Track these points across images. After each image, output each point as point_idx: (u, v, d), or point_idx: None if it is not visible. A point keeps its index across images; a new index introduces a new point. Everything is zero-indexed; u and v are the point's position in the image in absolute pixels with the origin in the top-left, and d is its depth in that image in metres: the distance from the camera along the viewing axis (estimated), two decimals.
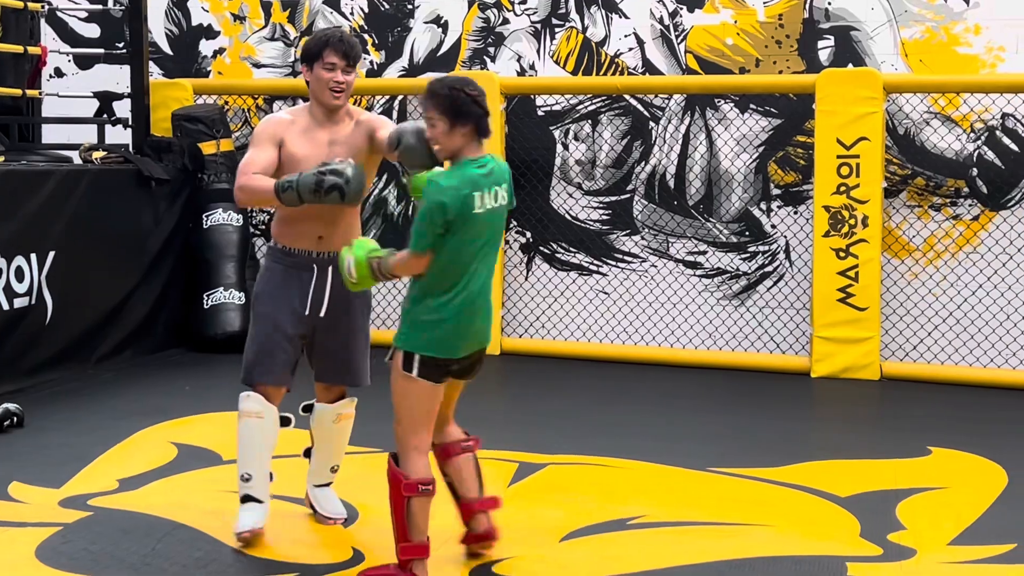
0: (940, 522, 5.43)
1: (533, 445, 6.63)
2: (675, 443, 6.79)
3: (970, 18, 9.01)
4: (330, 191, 4.59)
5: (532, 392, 8.50)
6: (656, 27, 9.69)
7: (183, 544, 4.96)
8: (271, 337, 5.01)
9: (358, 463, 6.26)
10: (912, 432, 7.26)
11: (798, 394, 8.46)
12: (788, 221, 9.45)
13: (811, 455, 6.61)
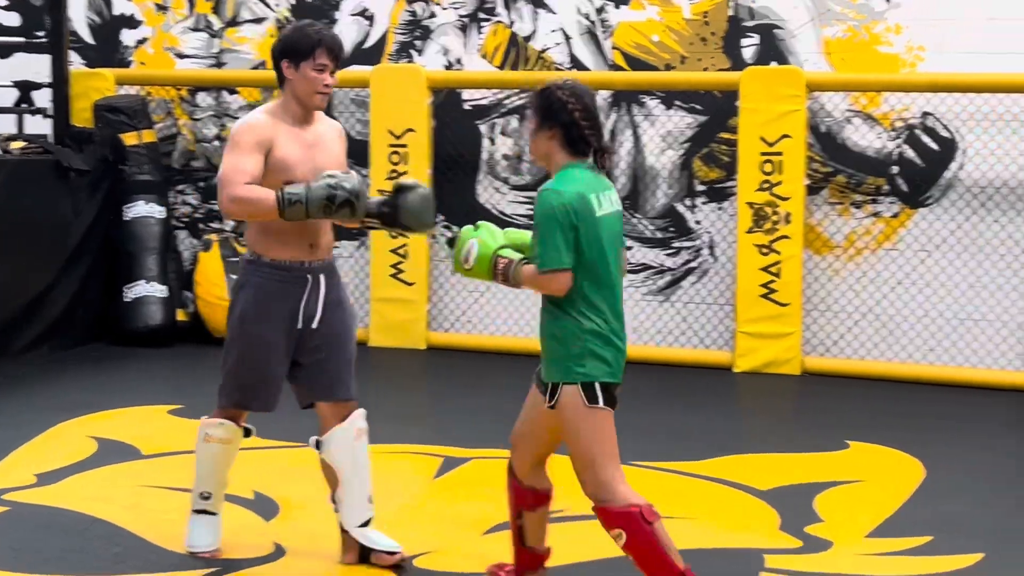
0: (857, 515, 5.50)
1: (458, 439, 6.64)
2: None
3: (891, 18, 9.12)
4: (342, 207, 4.36)
5: (458, 386, 8.50)
6: (583, 23, 9.72)
7: (102, 539, 4.91)
8: (266, 361, 4.64)
9: (278, 458, 6.25)
10: (831, 426, 7.35)
11: (721, 389, 8.53)
12: (712, 217, 9.52)
13: (732, 449, 6.66)
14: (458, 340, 9.80)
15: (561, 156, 4.11)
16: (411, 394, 8.47)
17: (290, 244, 4.61)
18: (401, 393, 8.47)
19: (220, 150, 10.43)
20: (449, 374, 8.90)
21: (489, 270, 4.11)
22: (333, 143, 4.79)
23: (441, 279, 10.02)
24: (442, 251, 10.01)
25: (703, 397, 8.22)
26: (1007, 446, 7.16)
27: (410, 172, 9.62)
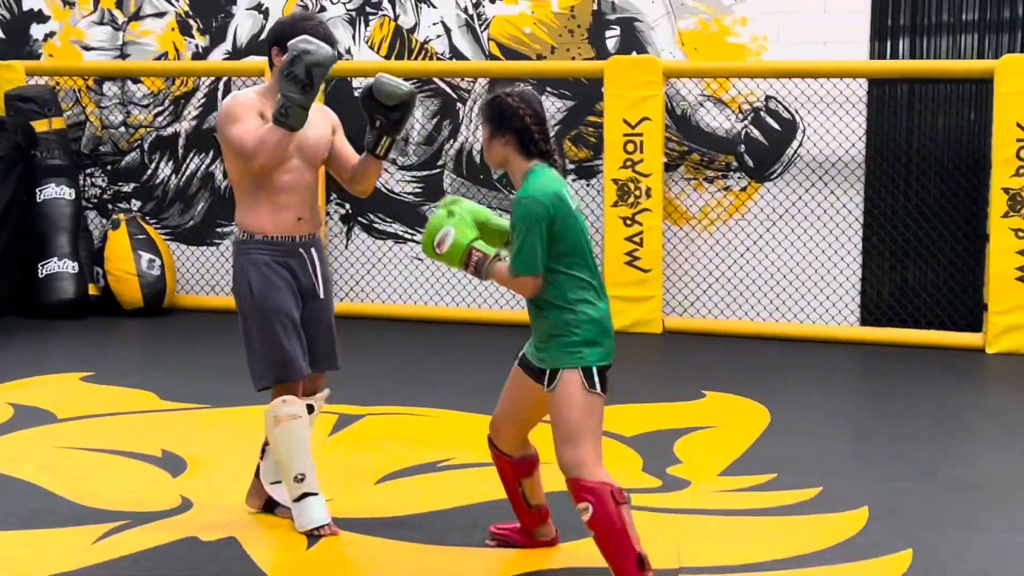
0: (712, 456, 5.57)
1: (352, 399, 6.60)
2: (480, 394, 6.79)
3: (738, 11, 9.24)
4: (308, 70, 4.06)
5: (351, 350, 8.37)
6: (461, 16, 9.69)
7: (19, 496, 4.81)
8: (289, 331, 4.38)
9: (185, 419, 6.18)
10: (689, 379, 7.45)
11: None
12: (582, 193, 9.57)
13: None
14: (352, 308, 9.74)
15: (518, 161, 3.95)
16: None
17: (281, 221, 4.39)
18: None
19: (125, 136, 10.24)
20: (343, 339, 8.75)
21: (461, 260, 3.92)
22: (317, 123, 4.51)
23: (335, 253, 9.95)
24: (335, 227, 9.93)
25: None
26: (844, 393, 7.34)
27: None
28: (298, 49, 4.09)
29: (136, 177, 10.32)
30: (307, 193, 4.44)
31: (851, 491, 5.00)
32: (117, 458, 5.39)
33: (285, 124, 4.15)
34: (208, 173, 10.15)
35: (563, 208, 3.83)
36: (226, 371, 7.39)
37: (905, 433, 6.11)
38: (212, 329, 9.04)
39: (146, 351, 8.44)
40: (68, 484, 4.95)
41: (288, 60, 4.10)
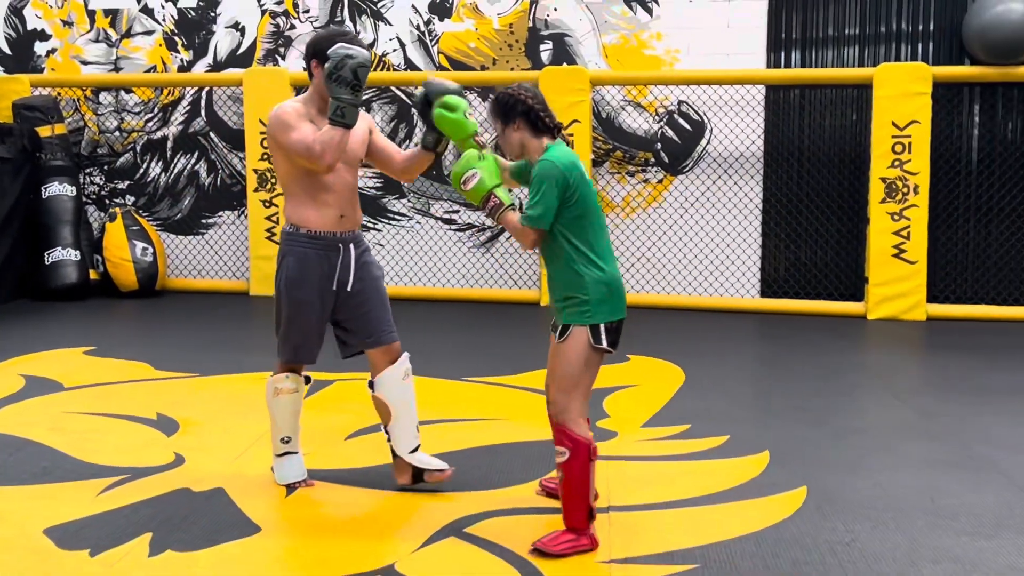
0: (635, 411, 5.60)
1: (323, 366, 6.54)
2: (437, 360, 6.83)
3: (653, 27, 9.25)
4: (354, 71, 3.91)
5: None
6: (414, 32, 9.63)
7: (32, 456, 4.74)
8: (308, 321, 4.26)
9: (177, 386, 6.11)
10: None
11: (531, 319, 8.61)
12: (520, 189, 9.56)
13: (540, 365, 6.68)
14: None
15: (533, 142, 3.81)
16: None
17: (326, 217, 4.20)
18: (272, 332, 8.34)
19: (120, 139, 10.09)
20: None
21: (481, 200, 3.81)
22: (362, 130, 4.32)
23: None
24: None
25: (518, 326, 8.28)
26: (747, 355, 7.40)
27: None
28: (341, 55, 3.95)
29: (130, 176, 10.18)
30: (348, 192, 4.25)
31: (754, 438, 5.05)
32: (117, 421, 5.32)
33: (342, 123, 3.99)
34: (193, 171, 10.03)
35: (578, 175, 3.72)
36: (212, 344, 7.33)
37: (800, 388, 6.17)
38: (199, 308, 8.96)
39: (141, 327, 8.33)
40: (74, 444, 4.89)
41: (333, 66, 3.94)
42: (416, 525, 3.92)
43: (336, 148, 4.02)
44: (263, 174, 9.51)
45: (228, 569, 3.54)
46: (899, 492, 4.30)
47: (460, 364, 6.70)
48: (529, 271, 9.54)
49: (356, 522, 3.98)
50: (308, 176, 4.18)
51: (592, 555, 3.64)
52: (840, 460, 4.75)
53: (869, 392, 6.18)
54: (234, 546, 3.73)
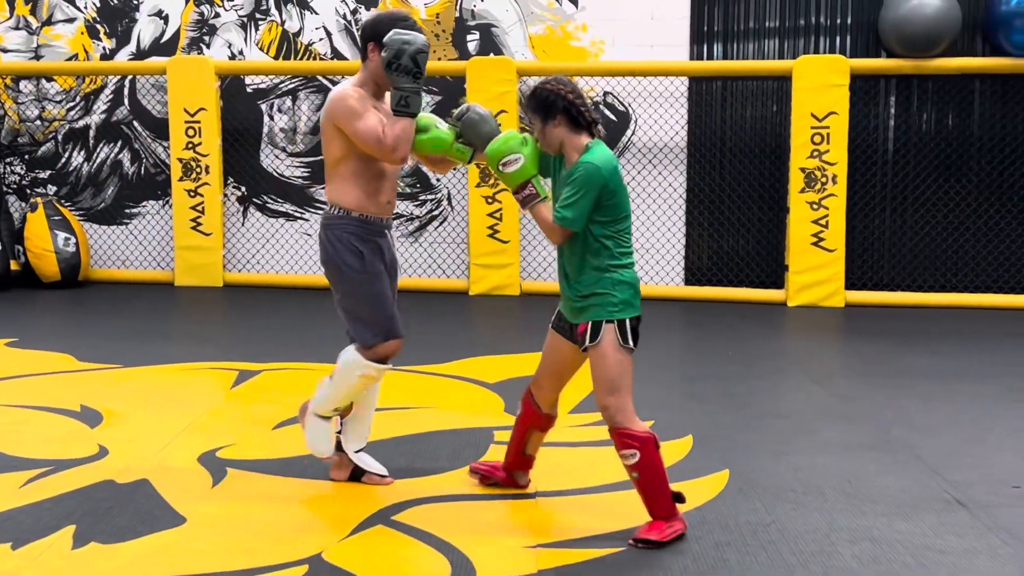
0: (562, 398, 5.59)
1: (251, 357, 6.50)
2: None
3: (579, 19, 9.28)
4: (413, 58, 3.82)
5: (250, 315, 8.32)
6: (341, 21, 9.54)
7: None
8: (388, 290, 4.14)
9: (101, 377, 6.00)
10: (542, 332, 7.39)
11: (460, 308, 8.60)
12: (449, 176, 9.54)
13: (469, 353, 6.72)
14: (249, 278, 9.58)
15: (572, 138, 3.73)
16: (211, 322, 8.24)
17: (375, 202, 4.09)
18: (203, 322, 8.24)
19: (41, 128, 9.86)
20: (242, 306, 8.70)
21: (516, 186, 3.76)
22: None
23: (233, 229, 9.75)
24: (232, 206, 9.73)
25: (446, 315, 8.27)
26: (672, 342, 7.47)
27: (203, 144, 9.31)
28: (398, 43, 3.83)
29: (52, 165, 9.94)
30: (394, 180, 4.17)
31: (678, 422, 5.10)
32: (40, 413, 5.20)
33: (407, 112, 3.88)
34: (116, 161, 9.84)
35: (617, 180, 3.68)
36: (136, 335, 7.20)
37: (723, 374, 6.24)
38: (123, 298, 8.80)
39: (64, 319, 8.16)
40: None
41: (392, 55, 3.82)
42: (344, 514, 3.89)
43: (408, 140, 3.91)
44: (188, 163, 9.37)
45: (153, 561, 3.48)
46: (818, 474, 4.38)
47: None
48: (457, 260, 9.52)
49: (283, 512, 3.93)
50: (365, 162, 4.05)
51: (519, 540, 3.65)
52: (761, 444, 4.81)
53: (789, 377, 6.27)
54: (159, 537, 3.67)
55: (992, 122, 8.95)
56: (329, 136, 4.06)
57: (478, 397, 5.65)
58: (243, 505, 3.99)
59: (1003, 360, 6.72)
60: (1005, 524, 3.82)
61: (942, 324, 8.01)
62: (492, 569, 3.40)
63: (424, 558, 3.50)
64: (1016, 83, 8.87)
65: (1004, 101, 8.93)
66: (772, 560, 3.50)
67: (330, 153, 4.09)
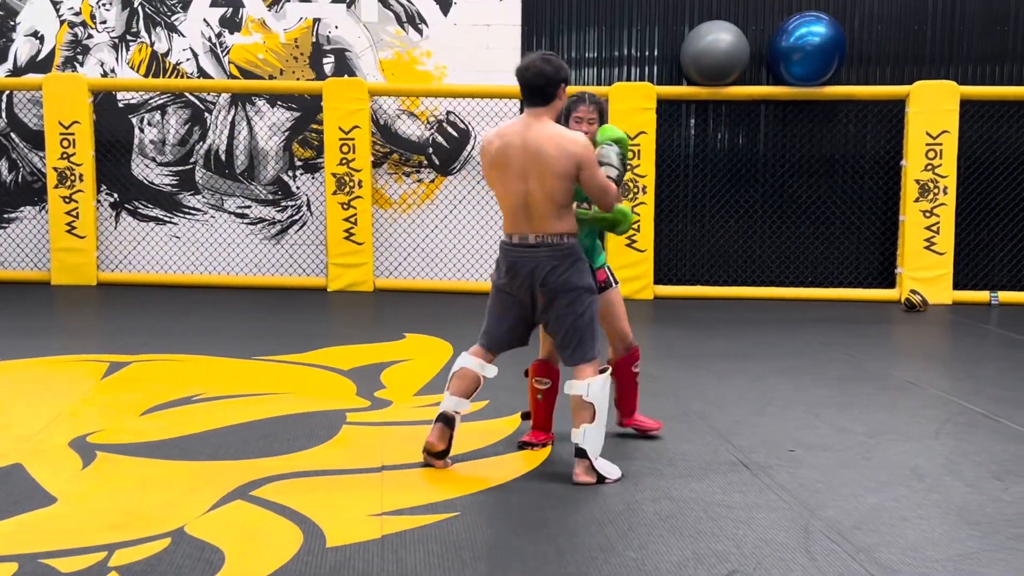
0: (409, 381, 5.59)
1: (122, 348, 6.26)
2: (230, 341, 6.64)
3: (424, 46, 9.26)
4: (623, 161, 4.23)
5: (124, 310, 8.01)
6: (207, 44, 9.27)
7: None
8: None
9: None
10: (394, 324, 7.46)
11: (318, 303, 8.48)
12: (308, 184, 9.40)
13: (325, 343, 6.63)
14: (121, 278, 9.22)
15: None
16: (85, 318, 7.89)
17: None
18: (77, 317, 7.88)
19: None
20: (114, 303, 8.36)
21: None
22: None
23: (107, 233, 9.36)
24: (105, 211, 9.34)
25: (305, 309, 8.14)
26: None
27: (77, 154, 8.91)
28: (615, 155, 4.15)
29: None
30: None
31: (511, 401, 5.14)
32: None
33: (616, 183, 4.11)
34: None
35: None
36: (12, 331, 6.84)
37: None
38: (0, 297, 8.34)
39: None
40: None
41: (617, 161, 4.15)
42: (205, 490, 3.78)
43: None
44: (63, 172, 8.94)
45: (24, 537, 3.31)
46: (626, 443, 4.48)
47: (251, 345, 6.52)
48: (316, 260, 9.38)
49: (149, 490, 3.80)
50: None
51: (366, 510, 3.63)
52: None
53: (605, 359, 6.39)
54: (31, 516, 3.49)
55: (775, 141, 9.35)
56: (567, 177, 3.93)
57: (332, 383, 5.58)
58: (111, 485, 3.84)
59: (782, 342, 7.03)
60: (781, 482, 4.00)
61: (735, 313, 8.32)
62: (340, 536, 3.37)
63: (279, 528, 3.44)
64: (794, 108, 9.29)
65: (784, 123, 9.34)
66: (585, 518, 3.58)
67: (563, 191, 3.96)
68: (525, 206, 3.99)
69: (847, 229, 9.37)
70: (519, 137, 3.97)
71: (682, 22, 9.24)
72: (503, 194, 4.04)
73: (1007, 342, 7.27)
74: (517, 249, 4.03)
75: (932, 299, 8.80)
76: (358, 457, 4.20)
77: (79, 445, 4.30)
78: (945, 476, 4.09)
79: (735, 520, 3.57)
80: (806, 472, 4.11)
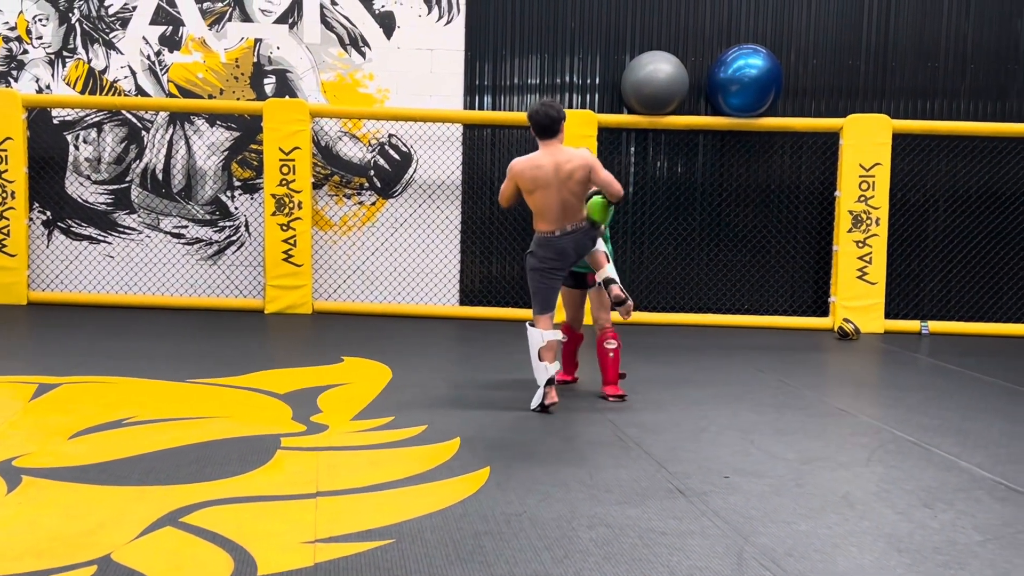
0: (346, 406, 5.54)
1: (51, 370, 6.11)
2: (163, 363, 6.52)
3: (366, 68, 9.24)
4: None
5: (55, 331, 7.82)
6: (145, 61, 9.15)
7: None
8: None
9: None
10: (332, 347, 7.39)
11: (256, 325, 8.38)
12: (247, 204, 9.30)
13: (262, 367, 6.56)
14: (53, 297, 9.02)
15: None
16: (14, 338, 7.69)
17: None
18: (6, 338, 7.67)
19: None
20: (45, 323, 8.16)
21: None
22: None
23: (38, 252, 9.15)
24: (38, 229, 9.13)
25: (242, 331, 8.03)
26: (447, 355, 7.50)
27: (9, 171, 8.72)
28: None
29: None
30: None
31: (448, 426, 5.12)
32: None
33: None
34: None
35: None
36: None
37: (489, 381, 6.31)
38: None
39: None
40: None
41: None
42: (134, 517, 3.69)
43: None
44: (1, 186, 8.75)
45: None
46: (564, 469, 4.48)
47: (185, 367, 6.41)
48: (253, 282, 9.27)
49: (76, 516, 3.69)
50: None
51: (299, 537, 3.57)
52: (518, 444, 4.89)
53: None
54: None
55: (712, 170, 9.50)
56: (586, 180, 5.49)
57: (268, 407, 5.50)
58: (37, 510, 3.73)
59: (717, 369, 7.10)
60: (715, 508, 4.02)
61: (671, 339, 8.39)
62: (272, 564, 3.31)
63: (209, 556, 3.36)
64: (731, 138, 9.45)
65: (722, 153, 9.49)
66: (522, 545, 3.56)
67: (583, 191, 5.53)
68: (562, 209, 5.53)
69: (782, 258, 9.53)
70: (551, 162, 5.51)
71: (623, 51, 9.36)
72: (543, 203, 5.53)
73: (937, 371, 7.44)
74: (562, 238, 5.55)
75: (864, 328, 8.98)
76: (292, 483, 4.14)
77: (4, 469, 4.17)
78: (875, 503, 4.16)
79: (670, 547, 3.58)
80: (740, 499, 4.14)
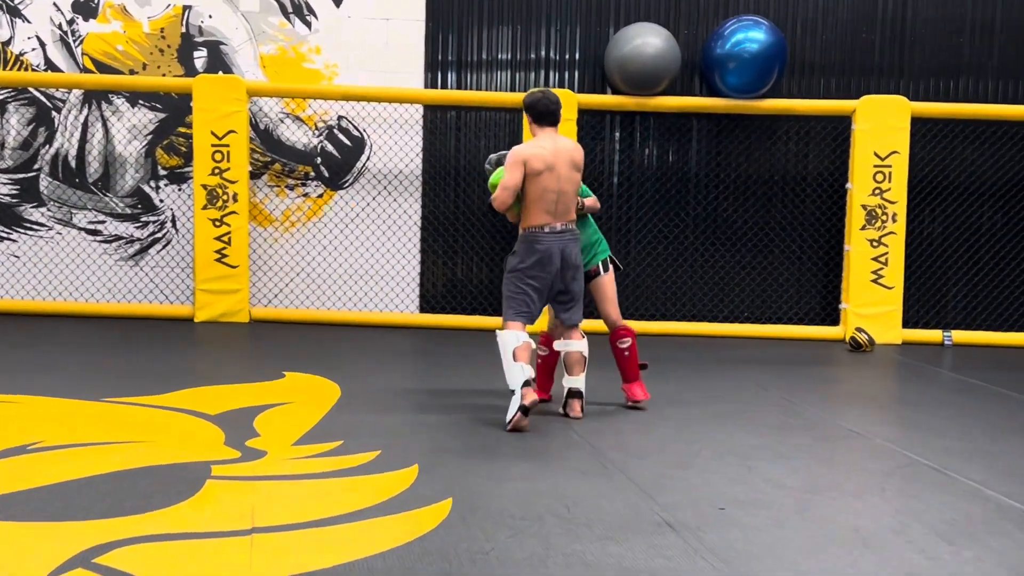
0: (288, 428, 5.51)
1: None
2: (75, 379, 6.46)
3: (312, 41, 9.22)
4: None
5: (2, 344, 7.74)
6: (56, 32, 9.07)
7: None
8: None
9: None
10: (272, 361, 7.36)
11: (183, 335, 8.33)
12: (174, 196, 9.24)
13: (191, 383, 6.51)
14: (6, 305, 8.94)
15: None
16: None
17: None
18: None
19: None
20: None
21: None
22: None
23: None
24: None
25: (168, 343, 7.98)
26: (404, 370, 7.48)
27: None
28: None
29: None
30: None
31: (405, 452, 5.10)
32: None
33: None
34: None
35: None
36: None
37: (453, 400, 6.31)
38: None
39: None
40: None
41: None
42: (41, 557, 3.65)
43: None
44: None
45: None
46: (537, 500, 4.48)
47: (102, 384, 6.35)
48: (182, 285, 9.21)
49: None
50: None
51: None
52: (484, 471, 4.88)
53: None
54: None
55: (708, 159, 9.54)
56: (579, 168, 5.79)
57: (197, 430, 5.46)
58: None
59: (710, 386, 7.13)
60: (710, 545, 4.03)
61: (660, 351, 8.41)
62: None
63: None
64: (729, 122, 9.50)
65: (719, 139, 9.54)
66: None
67: (579, 184, 5.82)
68: (559, 198, 5.67)
69: (787, 259, 9.59)
70: (554, 146, 5.70)
71: (606, 23, 9.39)
72: (547, 187, 5.63)
73: (960, 387, 7.51)
74: (551, 236, 5.66)
75: (879, 338, 9.06)
76: (224, 518, 4.10)
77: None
78: (891, 538, 4.19)
79: None
80: (738, 533, 4.16)
